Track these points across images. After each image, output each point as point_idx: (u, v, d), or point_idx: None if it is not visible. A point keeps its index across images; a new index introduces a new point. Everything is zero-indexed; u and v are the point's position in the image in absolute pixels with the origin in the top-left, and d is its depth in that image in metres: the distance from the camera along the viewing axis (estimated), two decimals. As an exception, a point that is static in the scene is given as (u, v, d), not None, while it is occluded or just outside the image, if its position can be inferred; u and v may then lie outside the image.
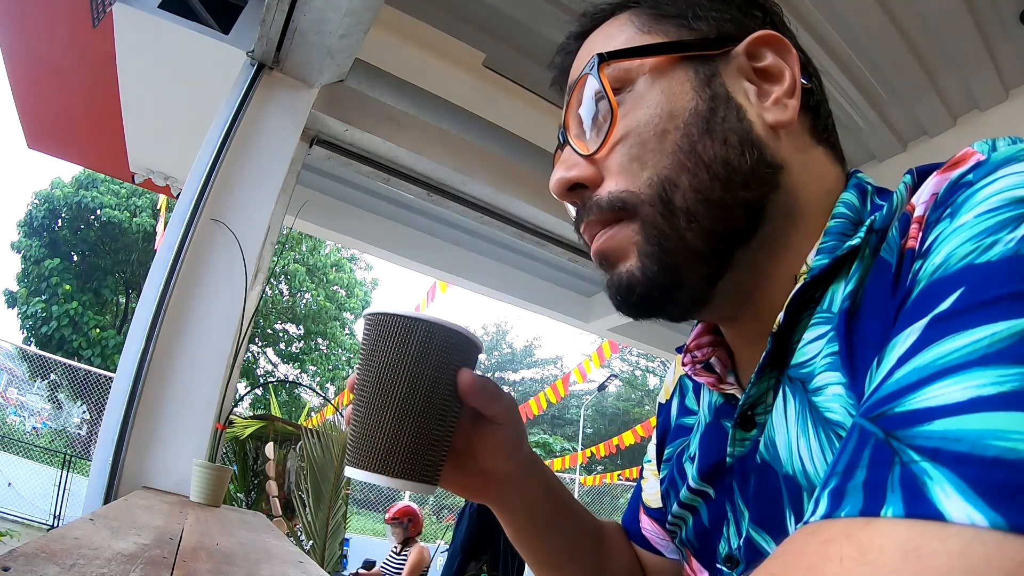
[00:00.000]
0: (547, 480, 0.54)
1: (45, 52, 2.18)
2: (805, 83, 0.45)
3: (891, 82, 1.94)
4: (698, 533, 0.48)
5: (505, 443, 0.49)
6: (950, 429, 0.20)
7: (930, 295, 0.26)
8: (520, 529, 0.54)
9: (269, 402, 4.74)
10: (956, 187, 0.31)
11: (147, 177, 2.70)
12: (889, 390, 0.23)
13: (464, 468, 0.49)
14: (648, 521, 0.60)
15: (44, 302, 12.80)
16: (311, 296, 16.19)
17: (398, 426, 0.41)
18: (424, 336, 0.42)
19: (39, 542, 0.52)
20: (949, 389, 0.21)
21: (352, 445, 0.43)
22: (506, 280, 3.33)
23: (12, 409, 10.11)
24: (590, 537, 0.58)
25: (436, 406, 0.42)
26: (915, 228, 0.33)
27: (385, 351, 0.42)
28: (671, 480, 0.53)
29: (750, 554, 0.41)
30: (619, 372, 20.09)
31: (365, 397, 0.42)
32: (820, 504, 0.22)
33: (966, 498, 0.18)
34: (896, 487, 0.20)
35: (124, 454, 1.30)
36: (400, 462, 0.41)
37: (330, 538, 2.81)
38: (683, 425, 0.55)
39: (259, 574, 0.67)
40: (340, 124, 1.95)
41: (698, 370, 0.50)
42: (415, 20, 1.93)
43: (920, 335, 0.24)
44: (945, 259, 0.27)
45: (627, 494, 13.76)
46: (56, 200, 13.75)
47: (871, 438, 0.22)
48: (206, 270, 1.49)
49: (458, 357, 0.43)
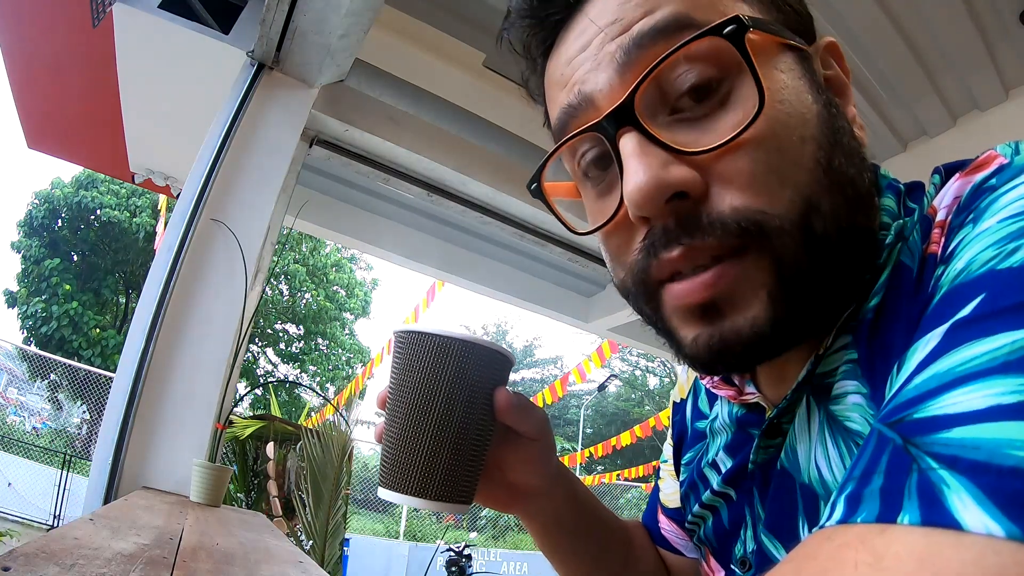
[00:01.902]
0: (574, 489, 0.54)
1: (45, 52, 2.18)
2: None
3: (891, 82, 1.94)
4: (717, 533, 0.48)
5: (536, 457, 0.48)
6: (968, 437, 0.19)
7: (951, 301, 0.25)
8: (548, 538, 0.54)
9: (269, 402, 4.74)
10: (979, 192, 0.30)
11: (147, 177, 2.70)
12: (908, 396, 0.23)
13: (493, 481, 0.48)
14: (667, 521, 0.61)
15: (44, 302, 12.79)
16: (311, 296, 16.18)
17: (435, 449, 0.40)
18: (460, 356, 0.40)
19: (39, 542, 0.52)
20: (968, 396, 0.20)
21: (387, 466, 0.41)
22: (506, 280, 3.33)
23: (12, 409, 10.10)
24: (617, 542, 0.58)
25: (472, 427, 0.41)
26: (937, 233, 0.32)
27: (420, 371, 0.40)
28: (691, 484, 0.52)
29: (760, 559, 0.41)
30: (619, 372, 20.10)
31: (399, 418, 0.41)
32: (836, 509, 0.22)
33: (983, 507, 0.18)
34: (913, 494, 0.19)
35: (124, 454, 1.30)
36: (437, 485, 0.40)
37: (330, 538, 2.81)
38: (698, 429, 0.55)
39: (259, 574, 0.67)
40: (340, 124, 1.95)
41: (716, 382, 0.48)
42: (415, 20, 1.93)
43: (940, 341, 0.24)
44: (967, 264, 0.26)
45: (627, 494, 13.75)
46: (56, 200, 13.75)
47: (889, 444, 0.22)
48: (206, 270, 1.49)
49: (493, 375, 0.42)
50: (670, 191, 0.33)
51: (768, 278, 0.33)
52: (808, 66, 0.36)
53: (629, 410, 20.14)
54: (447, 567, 6.43)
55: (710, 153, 0.33)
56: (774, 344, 0.34)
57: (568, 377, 8.92)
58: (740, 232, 0.32)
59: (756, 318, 0.33)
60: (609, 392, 19.92)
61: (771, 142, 0.33)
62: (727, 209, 0.33)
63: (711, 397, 0.54)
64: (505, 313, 26.45)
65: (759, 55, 0.33)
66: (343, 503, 2.92)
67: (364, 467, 11.71)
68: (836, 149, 0.34)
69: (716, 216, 0.33)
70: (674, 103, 0.35)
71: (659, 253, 0.35)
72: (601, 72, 0.36)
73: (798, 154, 0.33)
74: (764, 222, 0.32)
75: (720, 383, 0.48)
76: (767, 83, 0.32)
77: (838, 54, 0.40)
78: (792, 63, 0.35)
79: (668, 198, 0.33)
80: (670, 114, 0.35)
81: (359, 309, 17.45)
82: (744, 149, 0.32)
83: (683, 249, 0.33)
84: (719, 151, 0.33)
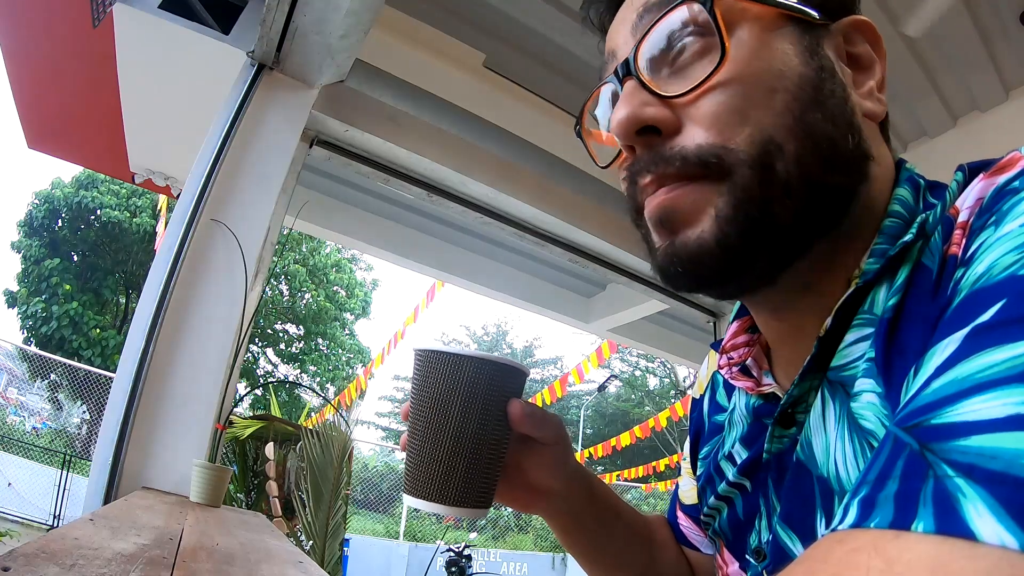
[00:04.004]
0: (593, 489, 0.56)
1: (45, 52, 2.18)
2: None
3: (891, 83, 1.94)
4: (732, 524, 0.48)
5: (552, 461, 0.50)
6: (986, 446, 0.19)
7: (971, 305, 0.25)
8: (570, 536, 0.56)
9: (269, 402, 4.74)
10: (1002, 194, 0.30)
11: (147, 177, 2.70)
12: (926, 401, 0.23)
13: (513, 483, 0.51)
14: (685, 518, 0.62)
15: (44, 302, 12.78)
16: (311, 296, 16.17)
17: (452, 458, 0.43)
18: (473, 373, 0.43)
19: (39, 542, 0.52)
20: (987, 404, 0.20)
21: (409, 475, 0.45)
22: (506, 280, 3.33)
23: (12, 409, 10.10)
24: (639, 538, 0.59)
25: (487, 437, 0.44)
26: (959, 234, 0.32)
27: (436, 387, 0.44)
28: (708, 477, 0.53)
29: (775, 549, 0.41)
30: (619, 373, 20.08)
31: (419, 430, 0.44)
32: (850, 512, 0.22)
33: (998, 518, 0.17)
34: (928, 502, 0.19)
35: (124, 454, 1.30)
36: (455, 491, 0.43)
37: (330, 538, 2.81)
38: (716, 423, 0.55)
39: (259, 574, 0.67)
40: (340, 124, 1.95)
41: (735, 373, 0.49)
42: (415, 20, 1.93)
43: (959, 346, 0.23)
44: (988, 268, 0.26)
45: (626, 494, 13.75)
46: (56, 200, 13.74)
47: (905, 449, 0.22)
48: (206, 270, 1.49)
49: (507, 388, 0.45)
50: (639, 124, 0.39)
51: (718, 200, 0.37)
52: (811, 36, 0.40)
53: (629, 411, 20.13)
54: (447, 567, 6.43)
55: (686, 97, 0.38)
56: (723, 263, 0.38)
57: (568, 377, 8.91)
58: (699, 163, 0.37)
59: (702, 234, 0.38)
60: (609, 392, 19.91)
61: (735, 87, 0.37)
62: (691, 144, 0.38)
63: (728, 389, 0.54)
64: (505, 313, 26.43)
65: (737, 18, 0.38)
66: (343, 503, 2.92)
67: (364, 467, 11.72)
68: (815, 106, 0.38)
69: (679, 149, 0.38)
70: (674, 60, 0.40)
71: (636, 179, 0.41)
72: (621, 36, 0.44)
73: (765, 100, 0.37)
74: (723, 156, 0.37)
75: (738, 374, 0.49)
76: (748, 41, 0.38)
77: (872, 35, 0.43)
78: (787, 31, 0.39)
79: (639, 130, 0.39)
80: (671, 68, 0.40)
81: (359, 309, 17.45)
82: (711, 94, 0.38)
83: (651, 176, 0.40)
84: (694, 96, 0.38)
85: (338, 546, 2.92)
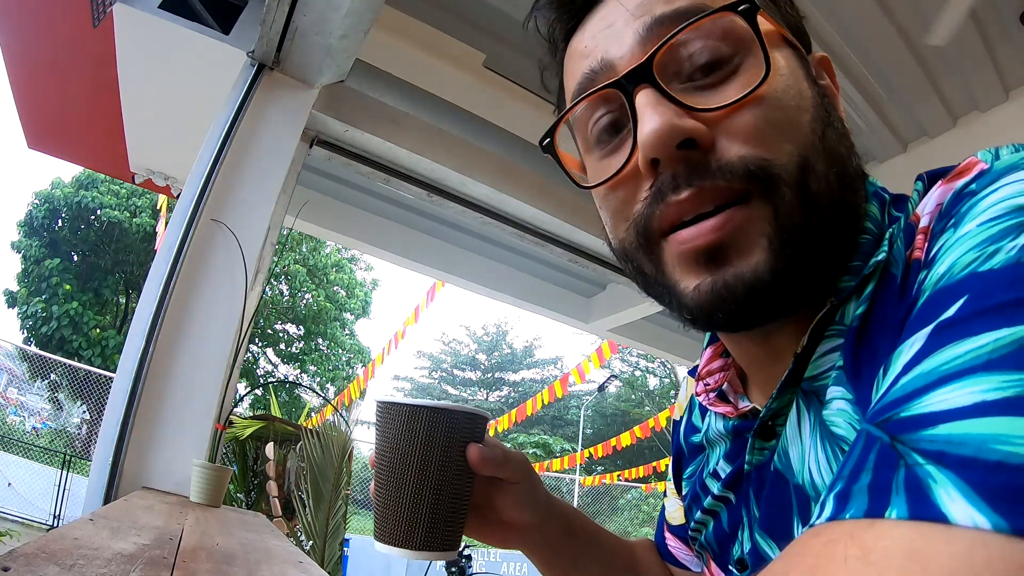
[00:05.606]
0: (568, 519, 0.56)
1: (45, 52, 2.18)
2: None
3: (891, 83, 1.94)
4: (718, 537, 0.49)
5: (520, 498, 0.51)
6: (955, 433, 0.20)
7: (935, 303, 0.26)
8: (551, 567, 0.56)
9: (269, 402, 4.74)
10: (960, 197, 0.31)
11: (147, 177, 2.70)
12: (895, 396, 0.23)
13: (487, 521, 0.52)
14: (672, 538, 0.62)
15: (44, 302, 12.78)
16: (311, 296, 16.17)
17: (415, 506, 0.44)
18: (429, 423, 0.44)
19: (39, 542, 0.52)
20: (954, 394, 0.21)
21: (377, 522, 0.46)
22: (506, 280, 3.33)
23: (12, 409, 10.10)
24: (621, 562, 0.60)
25: (448, 484, 0.45)
26: (920, 239, 0.33)
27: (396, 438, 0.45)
28: (694, 495, 0.54)
29: (756, 559, 0.41)
30: (619, 373, 20.08)
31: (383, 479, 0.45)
32: (826, 507, 0.22)
33: (970, 501, 0.18)
34: (901, 489, 0.20)
35: (124, 454, 1.30)
36: (420, 537, 0.44)
37: (330, 538, 2.81)
38: (692, 443, 0.56)
39: (259, 574, 0.67)
40: (340, 124, 1.95)
41: (712, 400, 0.50)
42: (415, 20, 1.93)
43: (925, 342, 0.24)
44: (949, 268, 0.27)
45: (626, 495, 13.75)
46: (56, 200, 13.74)
47: (876, 442, 0.22)
48: (206, 270, 1.49)
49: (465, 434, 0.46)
50: (683, 135, 0.35)
51: (768, 227, 0.35)
52: (804, 63, 0.41)
53: (629, 411, 20.13)
54: (447, 567, 6.43)
55: (718, 112, 0.36)
56: (772, 296, 0.36)
57: (568, 377, 8.91)
58: (746, 175, 0.35)
59: (758, 264, 0.35)
60: (609, 393, 19.90)
61: (774, 102, 0.36)
62: (734, 157, 0.35)
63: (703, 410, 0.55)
64: (505, 313, 26.40)
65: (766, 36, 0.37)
66: (343, 503, 2.92)
67: (364, 467, 11.70)
68: (828, 127, 0.38)
69: (724, 162, 0.35)
70: (688, 75, 0.38)
71: (667, 197, 0.37)
72: (624, 44, 0.39)
73: (797, 117, 0.37)
74: (768, 168, 0.35)
75: (716, 400, 0.49)
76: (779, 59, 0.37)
77: (830, 69, 0.44)
78: (791, 56, 0.40)
79: (679, 143, 0.36)
80: (684, 83, 0.38)
81: (359, 309, 17.45)
82: (749, 107, 0.36)
83: (692, 191, 0.36)
84: (726, 111, 0.36)
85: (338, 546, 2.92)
